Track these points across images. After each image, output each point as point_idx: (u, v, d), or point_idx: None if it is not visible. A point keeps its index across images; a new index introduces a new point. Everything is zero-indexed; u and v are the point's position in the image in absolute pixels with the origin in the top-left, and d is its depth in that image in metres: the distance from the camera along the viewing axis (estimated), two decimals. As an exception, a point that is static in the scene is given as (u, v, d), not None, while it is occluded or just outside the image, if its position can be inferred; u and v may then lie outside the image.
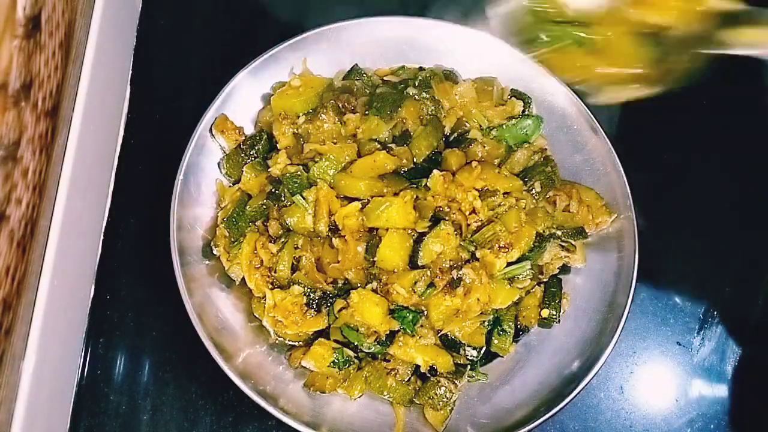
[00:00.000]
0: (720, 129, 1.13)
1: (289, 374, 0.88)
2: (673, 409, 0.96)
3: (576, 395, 0.84)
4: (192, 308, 0.84)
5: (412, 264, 0.86)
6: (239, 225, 0.90)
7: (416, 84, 0.96)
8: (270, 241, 0.89)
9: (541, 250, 0.90)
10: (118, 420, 0.89)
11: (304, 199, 0.87)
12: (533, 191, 0.92)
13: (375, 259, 0.85)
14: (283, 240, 0.88)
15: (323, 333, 0.88)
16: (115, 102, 1.02)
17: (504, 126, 0.96)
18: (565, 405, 0.83)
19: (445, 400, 0.85)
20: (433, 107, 0.94)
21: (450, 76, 0.99)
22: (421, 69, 1.01)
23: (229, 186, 0.95)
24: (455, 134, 0.95)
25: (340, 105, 0.93)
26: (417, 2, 1.09)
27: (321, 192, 0.88)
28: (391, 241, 0.85)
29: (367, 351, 0.86)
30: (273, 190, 0.90)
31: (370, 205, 0.86)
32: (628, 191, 0.94)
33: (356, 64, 1.00)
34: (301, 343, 0.89)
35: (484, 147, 0.93)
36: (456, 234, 0.86)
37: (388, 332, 0.86)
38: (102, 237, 0.98)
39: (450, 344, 0.87)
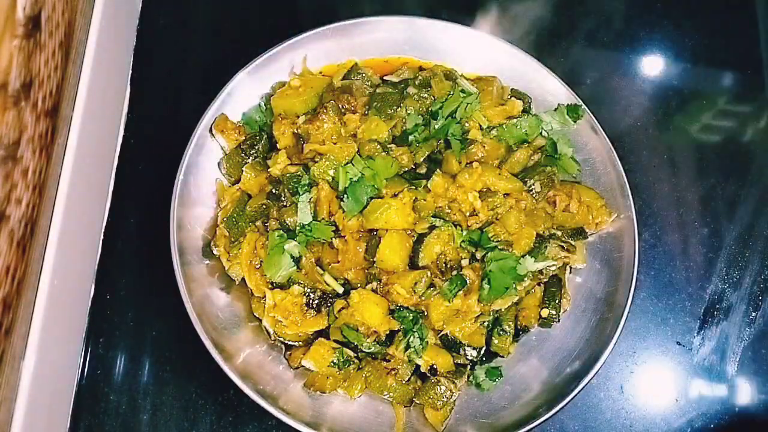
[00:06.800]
0: (720, 128, 1.13)
1: (289, 374, 0.88)
2: (673, 409, 0.96)
3: (576, 395, 0.84)
4: (192, 308, 0.84)
5: (412, 264, 0.86)
6: (239, 225, 0.90)
7: (416, 84, 0.96)
8: (270, 241, 0.89)
9: (541, 251, 0.90)
10: (118, 420, 0.89)
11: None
12: (533, 191, 0.92)
13: (375, 259, 0.85)
14: (283, 240, 0.88)
15: (323, 333, 0.88)
16: (115, 102, 1.02)
17: (504, 126, 0.96)
18: (565, 405, 0.83)
19: (445, 399, 0.85)
20: (433, 107, 0.94)
21: (450, 76, 0.99)
22: (421, 69, 1.01)
23: (229, 186, 0.95)
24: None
25: (340, 105, 0.93)
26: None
27: (321, 192, 0.88)
28: (391, 241, 0.85)
29: (367, 351, 0.86)
30: (273, 190, 0.90)
31: (369, 207, 0.86)
32: (628, 191, 0.94)
33: (356, 63, 1.00)
34: (301, 343, 0.89)
35: (484, 147, 0.93)
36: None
37: (388, 332, 0.86)
38: (102, 237, 0.97)
39: (450, 344, 0.87)
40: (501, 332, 0.89)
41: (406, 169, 0.91)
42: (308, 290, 0.86)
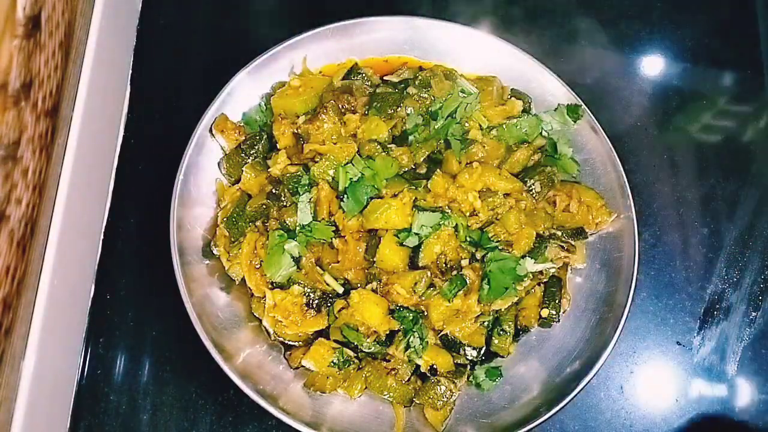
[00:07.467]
0: (719, 129, 1.13)
1: (289, 374, 0.88)
2: (673, 409, 0.96)
3: (576, 395, 0.84)
4: (192, 308, 0.84)
5: (412, 264, 0.86)
6: (239, 225, 0.90)
7: (416, 84, 0.96)
8: (270, 241, 0.89)
9: (541, 251, 0.90)
10: (118, 419, 0.89)
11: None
12: (533, 191, 0.92)
13: (375, 259, 0.85)
14: (283, 240, 0.88)
15: (323, 333, 0.88)
16: (115, 102, 1.02)
17: (504, 126, 0.96)
18: (565, 405, 0.83)
19: (445, 399, 0.85)
20: (432, 107, 0.94)
21: (450, 76, 0.99)
22: (421, 69, 1.01)
23: (229, 186, 0.95)
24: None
25: (340, 105, 0.93)
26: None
27: (321, 192, 0.88)
28: (391, 241, 0.85)
29: (367, 351, 0.86)
30: (273, 190, 0.90)
31: (368, 207, 0.86)
32: (628, 191, 0.94)
33: (356, 63, 1.00)
34: (301, 343, 0.89)
35: (484, 147, 0.93)
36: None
37: (388, 332, 0.86)
38: (102, 237, 0.97)
39: (450, 344, 0.87)
40: (501, 332, 0.89)
41: (406, 169, 0.92)
42: (308, 290, 0.86)
